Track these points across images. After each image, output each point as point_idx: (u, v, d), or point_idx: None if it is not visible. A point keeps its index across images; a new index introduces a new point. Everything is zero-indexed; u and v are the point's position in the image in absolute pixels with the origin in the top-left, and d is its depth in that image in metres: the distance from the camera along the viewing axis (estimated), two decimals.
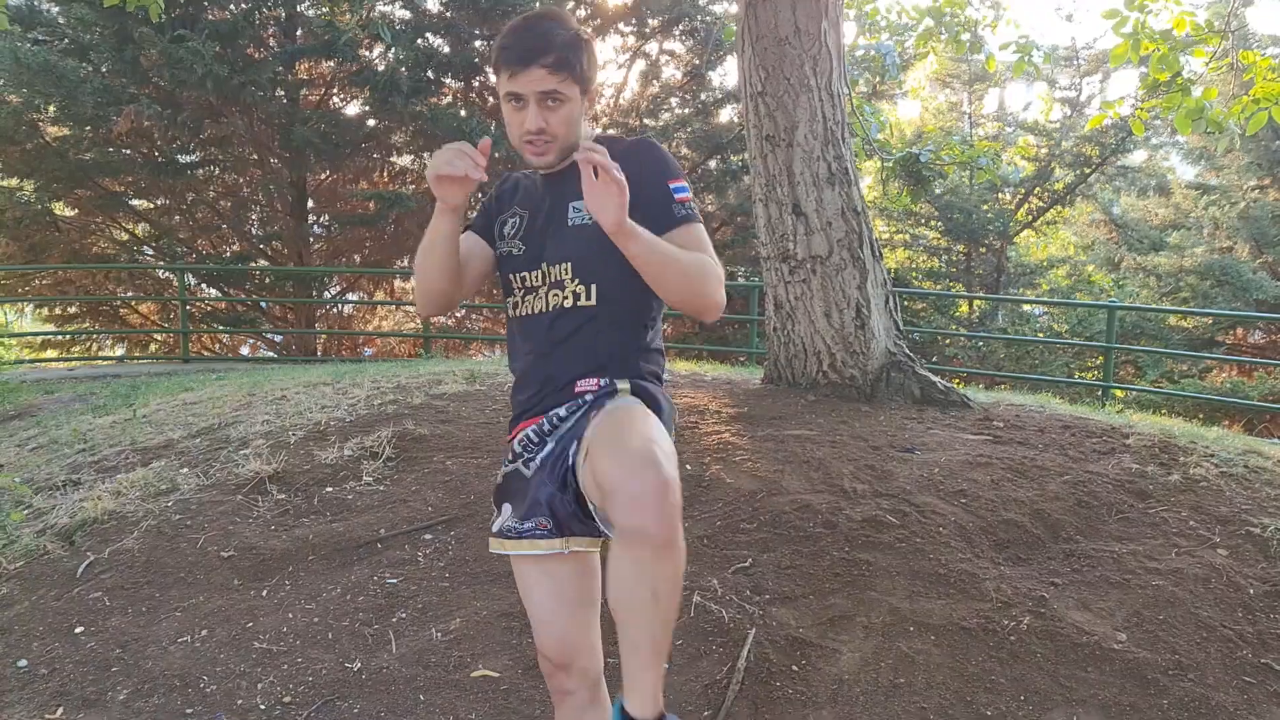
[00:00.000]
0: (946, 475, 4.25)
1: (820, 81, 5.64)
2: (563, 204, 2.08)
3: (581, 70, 2.00)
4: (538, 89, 1.96)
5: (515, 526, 2.09)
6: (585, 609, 2.14)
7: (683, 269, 1.96)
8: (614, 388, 2.03)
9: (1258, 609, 3.44)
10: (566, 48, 1.97)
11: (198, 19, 14.32)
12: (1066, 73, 21.15)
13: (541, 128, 1.98)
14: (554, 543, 2.07)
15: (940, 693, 3.05)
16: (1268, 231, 18.10)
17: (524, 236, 2.13)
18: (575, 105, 2.01)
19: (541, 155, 2.03)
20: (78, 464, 5.06)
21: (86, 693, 3.05)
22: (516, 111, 2.00)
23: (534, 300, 2.10)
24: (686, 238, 2.02)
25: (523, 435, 2.10)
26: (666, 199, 2.04)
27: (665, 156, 2.10)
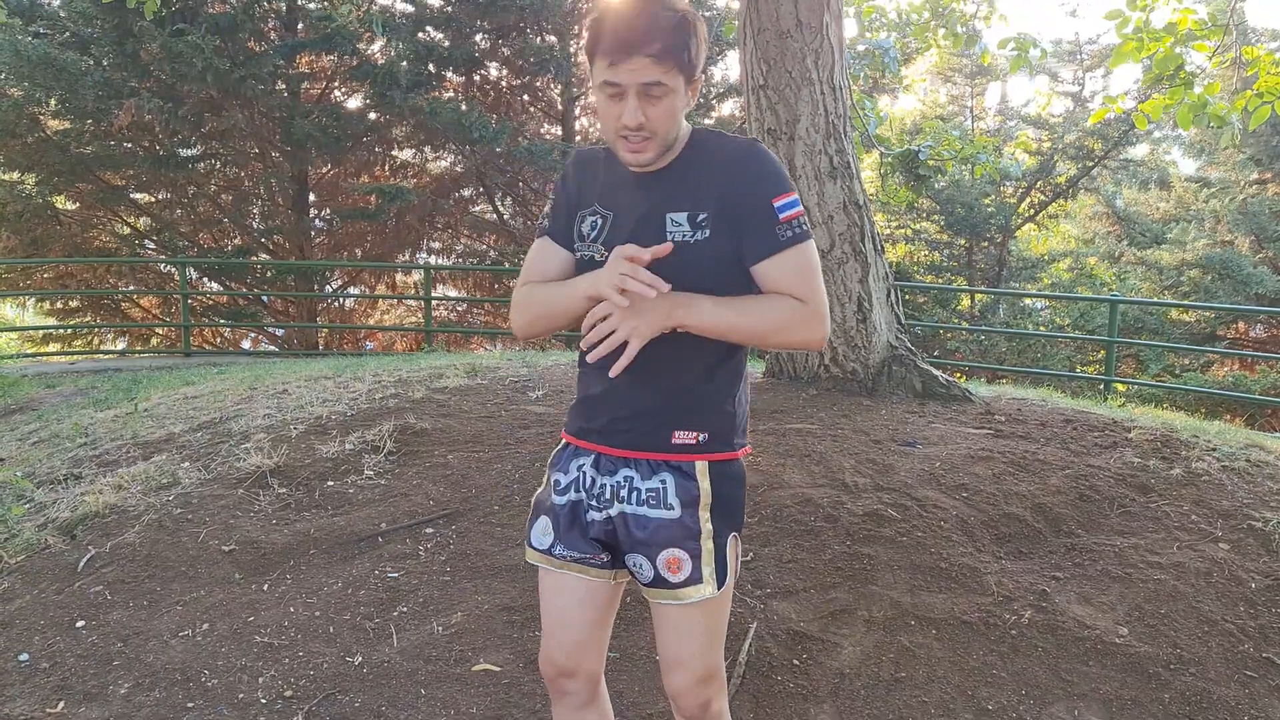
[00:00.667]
0: (948, 469, 4.24)
1: (822, 75, 5.63)
2: (659, 213, 1.88)
3: (689, 58, 1.79)
4: (640, 80, 1.75)
5: (568, 554, 2.02)
6: (605, 624, 2.12)
7: (753, 334, 1.85)
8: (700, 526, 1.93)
9: (1259, 603, 3.43)
10: (674, 33, 1.75)
11: (198, 12, 14.31)
12: (1069, 67, 21.13)
13: (641, 123, 1.78)
14: (604, 573, 2.04)
15: (941, 686, 3.05)
16: (1268, 226, 18.09)
17: (607, 241, 1.92)
18: (679, 97, 1.81)
19: (638, 153, 1.83)
20: (79, 458, 5.06)
21: (88, 687, 3.05)
22: (613, 103, 1.79)
23: None
24: (789, 265, 1.86)
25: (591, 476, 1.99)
26: (769, 220, 1.85)
27: (773, 167, 1.89)
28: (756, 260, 1.86)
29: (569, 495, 2.02)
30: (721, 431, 1.97)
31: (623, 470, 1.96)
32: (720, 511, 1.95)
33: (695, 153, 1.91)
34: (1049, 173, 19.53)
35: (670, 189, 1.88)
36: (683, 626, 1.97)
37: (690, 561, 1.92)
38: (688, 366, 1.92)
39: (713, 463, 1.95)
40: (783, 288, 1.86)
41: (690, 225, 1.86)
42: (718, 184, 1.87)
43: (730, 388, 1.99)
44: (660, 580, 1.95)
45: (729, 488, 1.97)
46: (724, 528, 1.96)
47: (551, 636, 2.08)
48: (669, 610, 1.97)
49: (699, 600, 1.94)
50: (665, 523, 1.93)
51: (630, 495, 1.95)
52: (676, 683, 2.00)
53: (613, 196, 1.96)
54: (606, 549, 2.01)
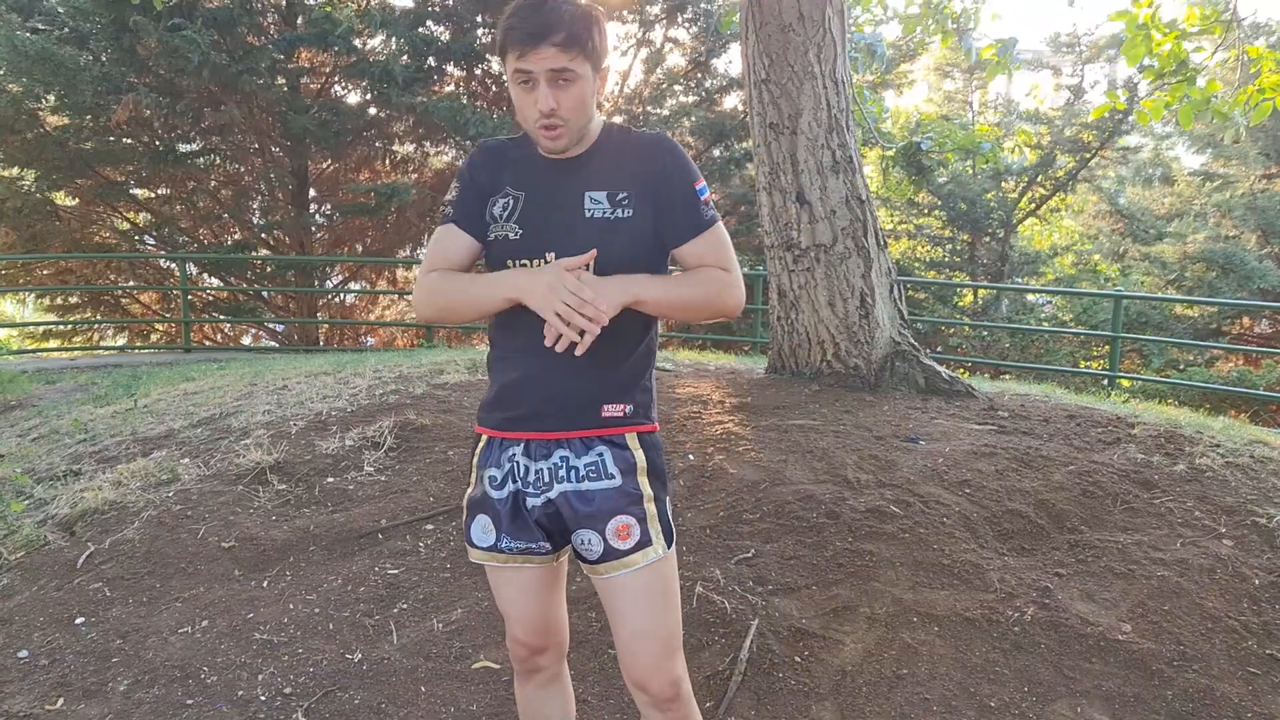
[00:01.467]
0: (951, 465, 4.23)
1: (824, 69, 5.61)
2: (577, 191, 1.97)
3: (593, 47, 1.90)
4: (548, 67, 1.86)
5: (515, 545, 2.05)
6: (557, 592, 2.18)
7: (692, 305, 1.99)
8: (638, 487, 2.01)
9: (1263, 600, 3.42)
10: (576, 23, 1.87)
11: (195, 6, 14.26)
12: (1069, 59, 21.06)
13: (554, 108, 1.88)
14: (548, 558, 2.10)
15: (943, 683, 3.03)
16: (1275, 221, 18.04)
17: (521, 219, 1.99)
18: (587, 84, 1.91)
19: (556, 139, 1.93)
20: (78, 454, 5.05)
21: (87, 683, 3.03)
22: (526, 93, 1.90)
23: None
24: (710, 243, 2.01)
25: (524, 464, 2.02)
26: (693, 203, 2.00)
27: (685, 157, 2.03)
28: (685, 239, 2.00)
29: (507, 487, 2.04)
30: (643, 405, 2.06)
31: (557, 451, 2.01)
32: (655, 476, 2.04)
33: (608, 142, 2.03)
34: (1049, 166, 19.48)
35: (587, 171, 1.98)
36: (640, 595, 2.01)
37: (638, 526, 2.00)
38: (614, 346, 1.97)
39: (642, 433, 2.05)
40: (708, 262, 2.01)
41: (610, 203, 1.96)
42: (636, 168, 1.98)
43: (647, 366, 2.09)
44: (611, 551, 1.99)
45: (656, 454, 2.07)
46: (661, 492, 2.05)
47: (514, 622, 2.15)
48: (623, 582, 2.01)
49: (651, 563, 2.00)
50: (608, 492, 2.00)
51: (569, 473, 2.00)
52: (643, 661, 2.02)
53: (524, 179, 2.03)
54: (548, 536, 2.05)
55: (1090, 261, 21.34)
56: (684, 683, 2.07)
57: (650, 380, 2.11)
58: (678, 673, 2.04)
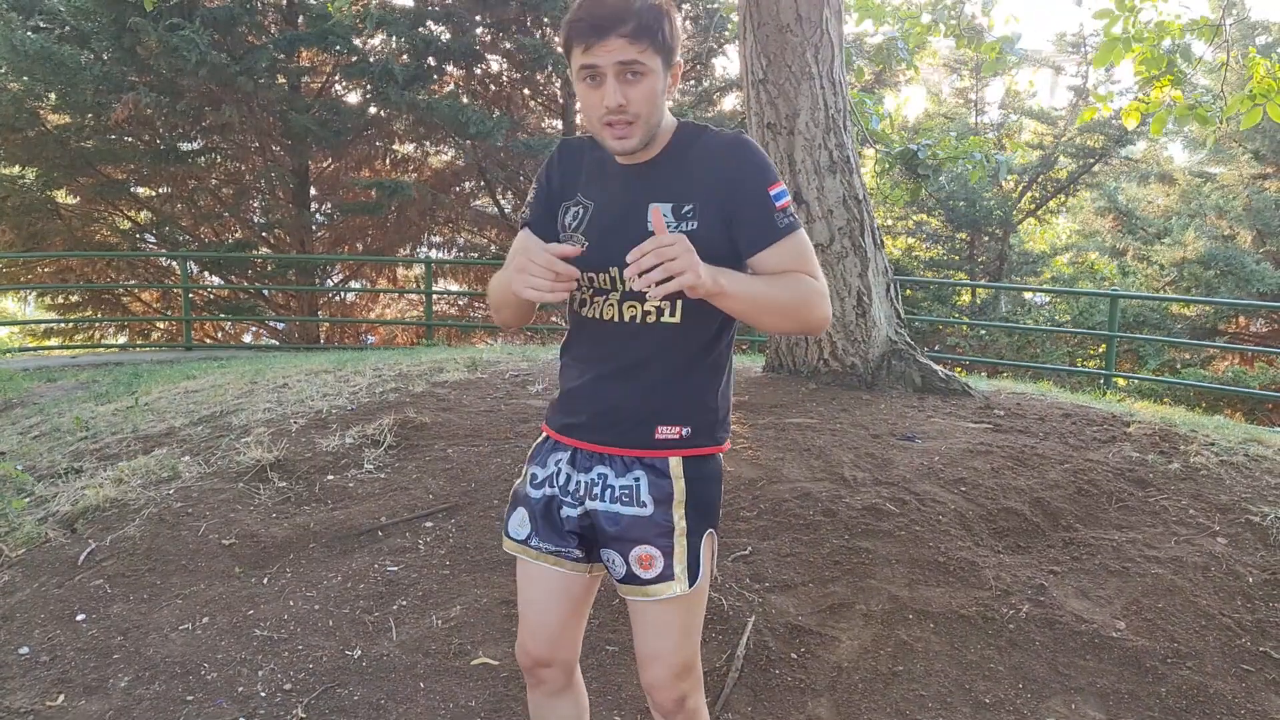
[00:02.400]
0: (947, 463, 4.25)
1: (822, 69, 5.63)
2: (642, 205, 1.86)
3: (664, 39, 1.79)
4: (616, 59, 1.75)
5: (545, 546, 2.03)
6: (581, 615, 2.14)
7: (780, 310, 1.84)
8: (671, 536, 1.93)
9: (1257, 597, 3.44)
10: (646, 13, 1.76)
11: (195, 6, 14.29)
12: (1073, 60, 21.07)
13: (622, 103, 1.77)
14: (580, 566, 2.05)
15: (939, 680, 3.05)
16: (1271, 221, 18.08)
17: (588, 231, 1.92)
18: (658, 79, 1.80)
19: (624, 139, 1.82)
20: (79, 451, 5.07)
21: (88, 680, 3.05)
22: (593, 89, 1.79)
23: (603, 304, 1.92)
24: (789, 251, 1.86)
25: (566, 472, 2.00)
26: (768, 210, 1.85)
27: (764, 159, 1.90)
28: (759, 249, 1.86)
29: (544, 490, 2.03)
30: (704, 426, 1.96)
31: (597, 467, 1.97)
32: (695, 508, 1.95)
33: (682, 144, 1.91)
34: (1050, 167, 19.51)
35: (655, 180, 1.88)
36: (658, 622, 1.97)
37: (662, 558, 1.93)
38: (672, 361, 1.92)
39: (688, 459, 1.94)
40: (790, 270, 1.86)
41: (674, 216, 1.85)
42: (707, 175, 1.86)
43: (713, 382, 1.98)
44: (632, 576, 1.95)
45: (704, 486, 1.97)
46: (699, 525, 1.95)
47: (528, 627, 2.10)
48: (643, 606, 1.98)
49: (672, 597, 1.94)
50: (637, 520, 1.93)
51: (603, 492, 1.96)
52: (652, 676, 2.01)
53: (596, 187, 1.95)
54: (582, 543, 2.01)
55: (1088, 260, 21.37)
56: (691, 698, 2.04)
57: (717, 398, 1.99)
58: (685, 690, 2.02)
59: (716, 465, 2.01)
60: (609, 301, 1.91)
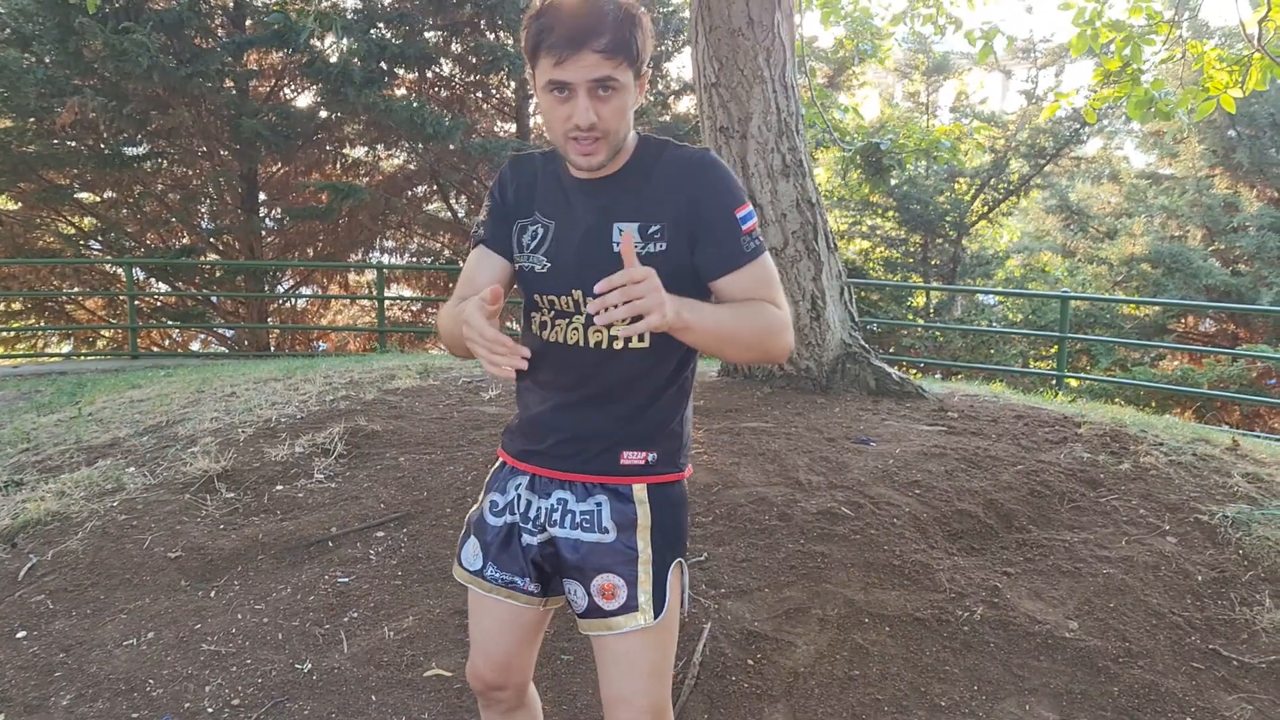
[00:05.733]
0: (901, 466, 4.26)
1: (774, 73, 5.64)
2: (606, 224, 1.78)
3: (637, 51, 1.69)
4: (589, 77, 1.64)
5: (499, 577, 1.96)
6: (534, 643, 2.08)
7: (744, 341, 1.76)
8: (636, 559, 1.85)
9: (1206, 595, 3.48)
10: (622, 25, 1.65)
11: (142, 9, 14.06)
12: (1024, 65, 21.34)
13: (594, 123, 1.67)
14: (534, 600, 1.98)
15: (895, 683, 3.05)
16: (1220, 219, 18.41)
17: (549, 252, 1.84)
18: (629, 94, 1.71)
19: (590, 155, 1.72)
20: (20, 464, 4.95)
21: (28, 698, 2.97)
22: (560, 103, 1.68)
23: (567, 328, 1.84)
24: (754, 276, 1.79)
25: (526, 499, 1.93)
26: (735, 233, 1.77)
27: (731, 179, 1.81)
28: (722, 273, 1.79)
29: (505, 517, 1.96)
30: (669, 452, 1.91)
31: (557, 493, 1.90)
32: (660, 534, 1.88)
33: (644, 160, 1.82)
34: (1003, 170, 19.73)
35: (618, 197, 1.80)
36: (623, 660, 1.87)
37: (625, 587, 1.85)
38: (639, 387, 1.86)
39: (653, 486, 1.88)
40: (754, 297, 1.79)
41: (641, 236, 1.77)
42: (672, 194, 1.78)
43: (679, 407, 1.93)
44: (594, 608, 1.87)
45: (670, 511, 1.90)
46: (665, 552, 1.88)
47: (479, 653, 2.03)
48: (608, 642, 1.87)
49: (636, 629, 1.85)
50: (599, 547, 1.87)
51: (564, 518, 1.89)
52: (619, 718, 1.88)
53: (554, 204, 1.86)
54: (540, 575, 1.94)
55: (1040, 261, 21.64)
56: None
57: (681, 424, 1.93)
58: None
59: (681, 491, 1.95)
60: (573, 325, 1.83)
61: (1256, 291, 16.86)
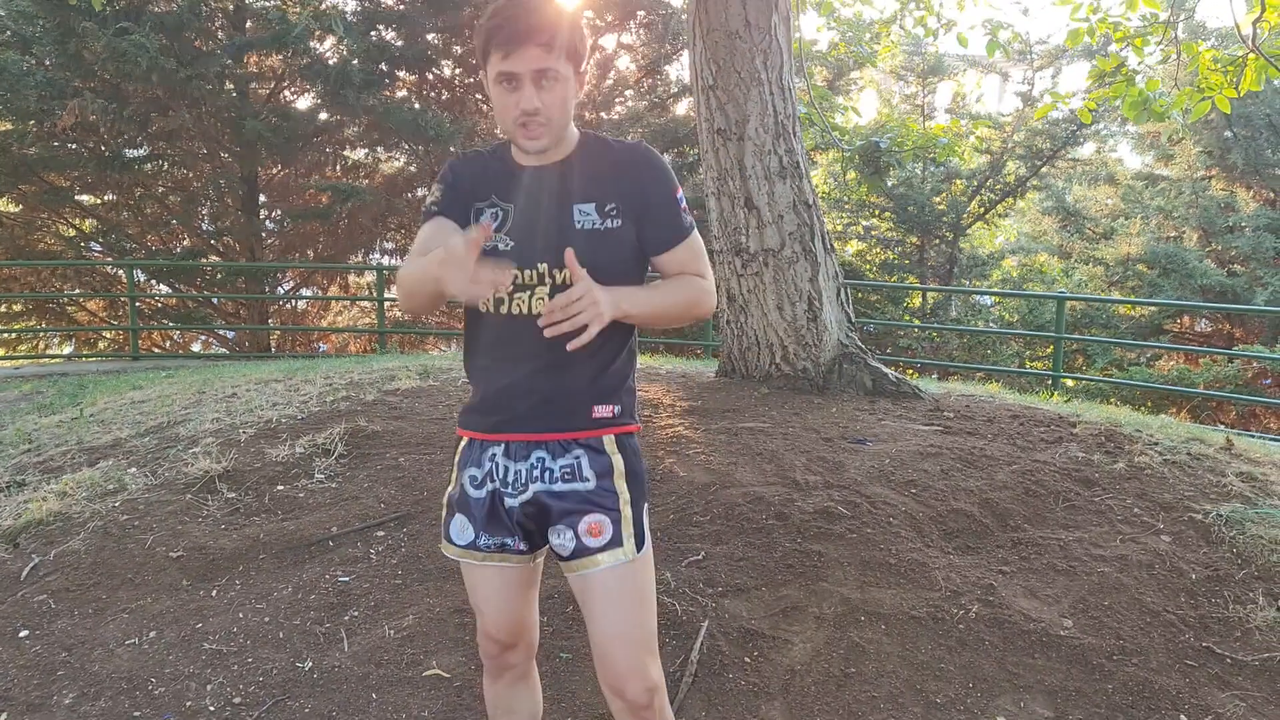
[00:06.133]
0: (897, 466, 4.29)
1: (771, 75, 5.67)
2: (565, 204, 2.00)
3: (575, 47, 1.95)
4: (533, 67, 1.89)
5: (491, 543, 2.10)
6: (533, 598, 2.23)
7: (674, 315, 2.07)
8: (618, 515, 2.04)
9: (1200, 593, 3.51)
10: (560, 24, 1.91)
11: (143, 11, 14.07)
12: (1020, 67, 21.38)
13: (538, 107, 1.91)
14: (524, 558, 2.14)
15: (890, 681, 3.08)
16: (1216, 220, 18.43)
17: (511, 232, 2.01)
18: (569, 85, 1.96)
19: (536, 138, 1.95)
20: (22, 465, 4.98)
21: (31, 697, 3.00)
22: (509, 93, 1.92)
23: (530, 299, 2.00)
24: (689, 250, 2.08)
25: (504, 464, 2.06)
26: (674, 212, 2.06)
27: (665, 166, 2.08)
28: (666, 248, 2.06)
29: (486, 487, 2.09)
30: (628, 405, 2.13)
31: (535, 453, 2.05)
32: (632, 479, 2.08)
33: (589, 151, 2.06)
34: (999, 171, 19.75)
35: (570, 183, 2.01)
36: (614, 596, 2.04)
37: (611, 525, 2.03)
38: (603, 349, 2.03)
39: (620, 436, 2.09)
40: (688, 269, 2.08)
41: (599, 215, 2.00)
42: (621, 179, 2.02)
43: (631, 367, 2.15)
44: (582, 548, 2.03)
45: (635, 459, 2.11)
46: (638, 495, 2.09)
47: (487, 617, 2.18)
48: (597, 579, 2.03)
49: (623, 563, 2.03)
50: (583, 493, 2.04)
51: (544, 475, 2.04)
52: (618, 664, 2.04)
53: (510, 190, 2.05)
54: (526, 535, 2.10)
55: (1036, 262, 21.65)
56: (659, 693, 2.08)
57: (633, 381, 2.16)
58: (654, 679, 2.06)
59: (638, 443, 2.16)
60: (537, 296, 1.99)
61: (1252, 292, 16.88)
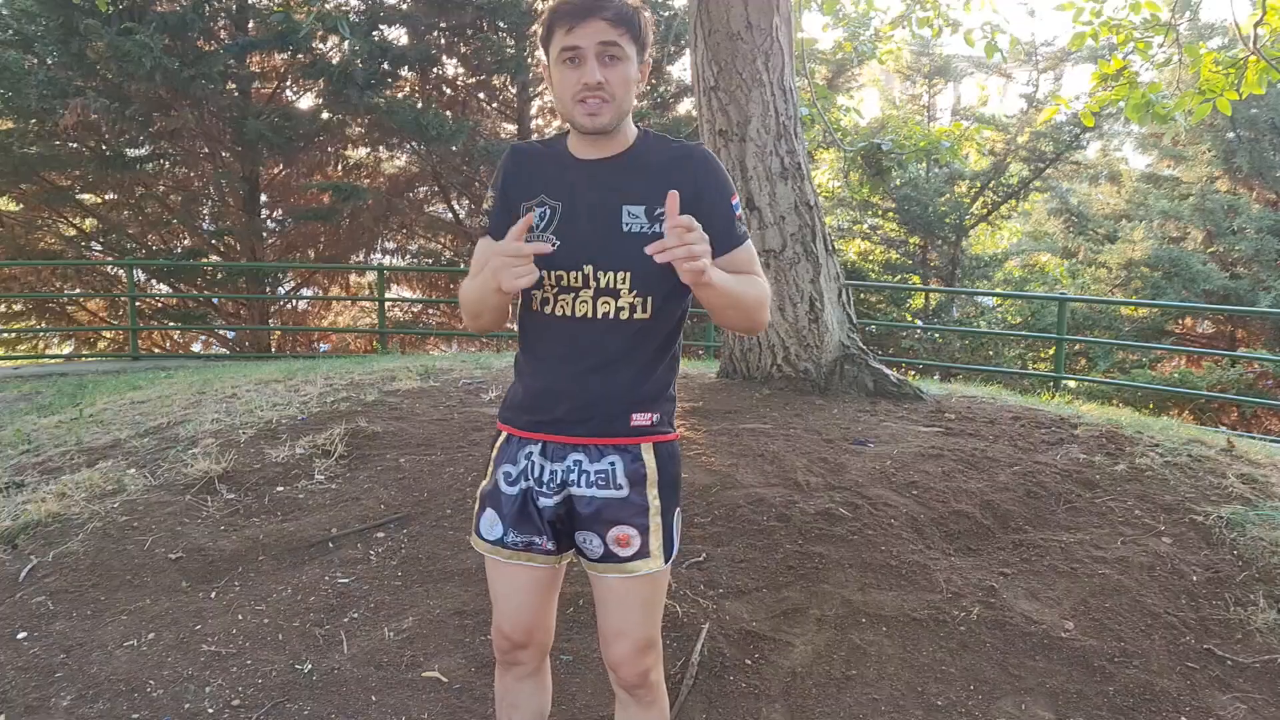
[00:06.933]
0: (899, 467, 4.28)
1: (772, 76, 5.66)
2: (614, 204, 1.98)
3: (640, 29, 1.95)
4: (598, 39, 1.88)
5: (519, 540, 2.11)
6: (553, 600, 2.24)
7: (745, 307, 1.99)
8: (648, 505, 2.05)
9: (1200, 596, 3.50)
10: (625, 6, 1.93)
11: (146, 10, 14.08)
12: (1024, 69, 21.36)
13: (601, 82, 1.90)
14: (550, 558, 2.14)
15: (891, 683, 3.07)
16: (1221, 222, 18.41)
17: (558, 230, 2.00)
18: (632, 67, 1.95)
19: (596, 115, 1.93)
20: (21, 465, 4.97)
21: (29, 699, 2.99)
22: (572, 69, 1.91)
23: (574, 301, 2.00)
24: (744, 257, 2.05)
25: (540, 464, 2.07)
26: (729, 220, 2.03)
27: (722, 171, 2.07)
28: (721, 253, 1.96)
29: (520, 484, 2.09)
30: (668, 413, 2.11)
31: (571, 455, 2.05)
32: (665, 487, 2.08)
33: (645, 149, 2.03)
34: (1002, 173, 19.73)
35: (623, 182, 1.98)
36: (627, 599, 2.08)
37: (639, 537, 2.05)
38: (644, 353, 2.04)
39: (658, 444, 2.08)
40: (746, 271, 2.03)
41: (648, 218, 1.95)
42: (677, 183, 1.91)
43: (673, 373, 2.14)
44: (610, 555, 2.06)
45: (672, 465, 2.10)
46: (670, 503, 2.09)
47: (503, 614, 2.18)
48: (614, 582, 2.08)
49: (646, 574, 2.06)
50: (614, 501, 2.04)
51: (580, 478, 2.05)
52: (618, 652, 2.11)
53: (559, 186, 2.02)
54: (555, 535, 2.10)
55: (1038, 262, 21.64)
56: (654, 672, 2.16)
57: (674, 389, 2.15)
58: (648, 665, 2.13)
59: (678, 448, 2.15)
60: (581, 299, 1.99)
61: (1255, 294, 16.86)
